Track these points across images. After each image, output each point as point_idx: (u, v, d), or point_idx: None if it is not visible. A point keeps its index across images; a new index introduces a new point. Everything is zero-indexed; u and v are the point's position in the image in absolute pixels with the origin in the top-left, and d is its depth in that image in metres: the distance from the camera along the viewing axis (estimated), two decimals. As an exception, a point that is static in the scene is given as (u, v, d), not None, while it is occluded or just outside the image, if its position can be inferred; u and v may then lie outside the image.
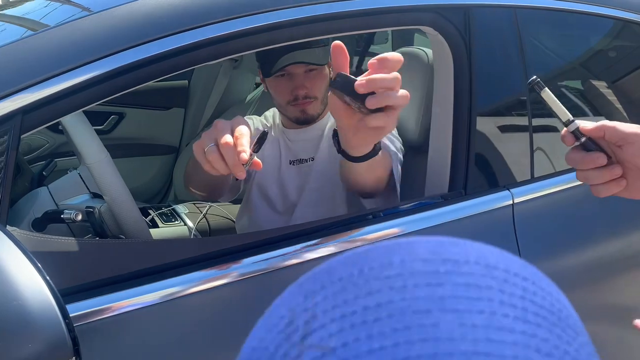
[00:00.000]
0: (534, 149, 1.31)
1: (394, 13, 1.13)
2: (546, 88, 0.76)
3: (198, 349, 0.91)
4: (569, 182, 1.34)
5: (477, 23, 1.22)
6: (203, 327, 0.94)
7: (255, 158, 0.84)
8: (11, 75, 0.84)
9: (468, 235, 1.18)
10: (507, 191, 1.24)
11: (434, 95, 1.31)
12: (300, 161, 1.44)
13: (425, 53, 1.49)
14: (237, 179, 1.24)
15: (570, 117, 0.75)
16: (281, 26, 1.00)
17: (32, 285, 0.62)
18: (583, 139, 0.73)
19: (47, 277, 0.64)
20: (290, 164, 1.45)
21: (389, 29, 2.01)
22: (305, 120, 1.40)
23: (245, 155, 0.80)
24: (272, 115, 1.55)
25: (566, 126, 0.75)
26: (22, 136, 0.85)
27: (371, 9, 1.09)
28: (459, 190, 1.22)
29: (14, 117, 0.82)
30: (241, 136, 0.83)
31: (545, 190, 1.30)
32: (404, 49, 1.59)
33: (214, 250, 0.97)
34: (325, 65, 1.36)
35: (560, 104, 0.76)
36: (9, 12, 1.51)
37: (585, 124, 0.74)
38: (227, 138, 0.82)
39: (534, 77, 0.77)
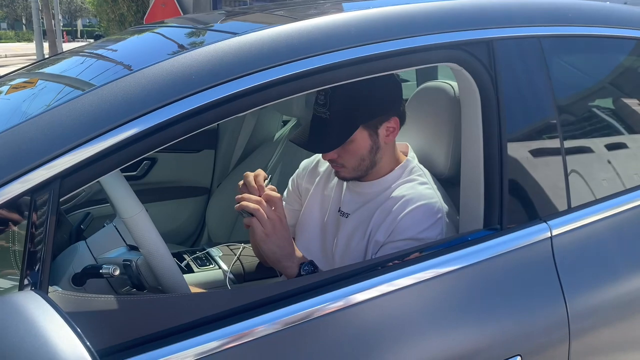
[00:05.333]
0: (569, 178, 1.28)
1: (420, 52, 1.14)
2: None
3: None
4: (607, 209, 1.31)
5: (502, 55, 1.21)
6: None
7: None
8: (49, 141, 0.87)
9: (508, 272, 1.16)
10: (544, 223, 1.22)
11: (463, 128, 1.31)
12: (342, 213, 1.45)
13: (451, 86, 1.49)
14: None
15: None
16: (311, 73, 1.02)
17: (74, 354, 0.63)
18: None
19: (88, 344, 0.65)
20: (338, 211, 1.47)
21: (416, 68, 2.02)
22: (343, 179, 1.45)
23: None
24: None
25: None
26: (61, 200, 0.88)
27: (397, 50, 1.10)
28: (495, 225, 1.20)
29: (52, 182, 0.84)
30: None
31: (584, 220, 1.27)
32: (429, 84, 1.59)
33: (252, 301, 0.97)
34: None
35: None
36: (49, 70, 1.57)
37: None
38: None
39: None
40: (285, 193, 1.64)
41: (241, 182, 1.31)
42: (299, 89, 1.06)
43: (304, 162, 1.65)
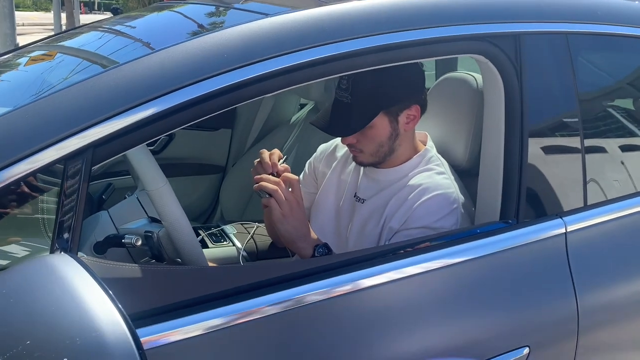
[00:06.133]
0: (587, 176, 1.29)
1: (447, 42, 1.14)
2: None
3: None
4: (623, 209, 1.32)
5: (529, 50, 1.22)
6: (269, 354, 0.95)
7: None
8: (83, 110, 0.89)
9: (521, 265, 1.17)
10: (559, 219, 1.23)
11: (484, 120, 1.31)
12: (358, 198, 1.47)
13: (474, 78, 1.49)
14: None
15: None
16: (339, 58, 1.03)
17: (108, 315, 0.65)
18: None
19: (120, 307, 0.67)
20: (354, 196, 1.48)
21: (441, 58, 2.02)
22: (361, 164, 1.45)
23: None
24: None
25: None
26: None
27: (425, 39, 1.11)
28: (510, 219, 1.21)
29: (86, 151, 0.87)
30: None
31: (599, 218, 1.28)
32: (452, 74, 1.60)
33: (271, 277, 0.99)
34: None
35: None
36: (67, 43, 1.59)
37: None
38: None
39: None
40: (301, 176, 1.66)
41: (256, 161, 1.33)
42: (327, 73, 1.07)
43: (322, 146, 1.67)
